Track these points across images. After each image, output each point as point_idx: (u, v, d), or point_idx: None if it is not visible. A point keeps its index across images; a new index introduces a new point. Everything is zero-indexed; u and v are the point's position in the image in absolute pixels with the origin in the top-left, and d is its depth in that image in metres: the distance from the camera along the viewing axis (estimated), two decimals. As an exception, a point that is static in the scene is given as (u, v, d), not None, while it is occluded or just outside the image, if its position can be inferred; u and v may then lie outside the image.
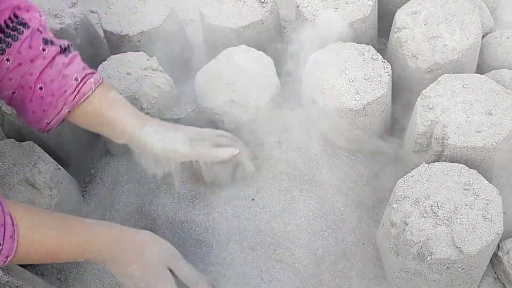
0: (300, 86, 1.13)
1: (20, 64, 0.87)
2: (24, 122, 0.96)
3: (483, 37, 1.26)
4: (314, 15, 1.16)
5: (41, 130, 0.94)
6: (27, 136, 1.12)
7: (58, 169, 1.05)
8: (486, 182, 0.89)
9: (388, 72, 1.05)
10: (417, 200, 0.89)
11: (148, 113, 1.11)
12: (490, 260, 0.98)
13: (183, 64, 1.35)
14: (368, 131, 1.07)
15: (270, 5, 1.22)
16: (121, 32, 1.21)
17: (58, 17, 1.23)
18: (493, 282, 1.00)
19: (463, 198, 0.88)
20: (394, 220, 0.88)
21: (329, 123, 1.07)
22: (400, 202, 0.89)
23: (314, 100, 1.06)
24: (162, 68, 1.17)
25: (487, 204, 0.87)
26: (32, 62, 0.88)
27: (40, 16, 0.91)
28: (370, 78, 1.04)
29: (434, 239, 0.84)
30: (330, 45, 1.10)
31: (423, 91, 1.01)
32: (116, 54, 1.18)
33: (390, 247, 0.92)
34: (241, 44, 1.17)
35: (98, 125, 0.95)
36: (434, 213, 0.87)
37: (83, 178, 1.19)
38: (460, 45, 1.08)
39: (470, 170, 0.91)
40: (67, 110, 0.91)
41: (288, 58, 1.36)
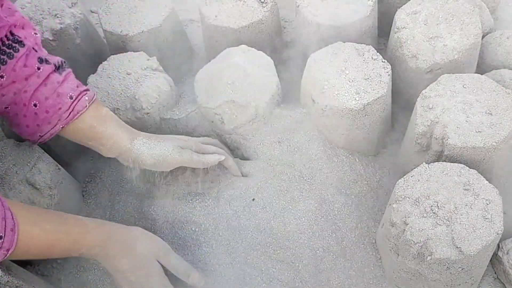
0: (300, 86, 1.13)
1: (14, 81, 0.90)
2: (17, 133, 0.99)
3: (483, 37, 1.26)
4: (314, 15, 1.16)
5: (33, 141, 0.98)
6: (27, 136, 1.12)
7: (58, 169, 1.05)
8: (486, 182, 0.89)
9: (388, 72, 1.05)
10: (417, 200, 0.89)
11: (148, 113, 1.11)
12: (490, 260, 0.98)
13: (183, 64, 1.35)
14: (368, 131, 1.07)
15: (270, 5, 1.22)
16: (121, 32, 1.21)
17: (58, 17, 1.23)
18: (493, 282, 1.00)
19: (463, 198, 0.88)
20: (394, 220, 0.88)
21: (329, 123, 1.07)
22: (400, 202, 0.89)
23: (314, 100, 1.06)
24: (162, 68, 1.17)
25: (487, 204, 0.87)
26: (26, 80, 0.91)
27: (35, 33, 0.95)
28: (370, 78, 1.04)
29: (434, 239, 0.84)
30: (330, 45, 1.10)
31: (423, 91, 1.01)
32: (116, 54, 1.18)
33: (390, 247, 0.92)
34: (241, 44, 1.17)
35: (88, 140, 0.99)
36: (434, 213, 0.87)
37: (83, 178, 1.19)
38: (460, 45, 1.08)
39: (470, 170, 0.91)
40: (61, 126, 0.95)
41: (288, 58, 1.36)
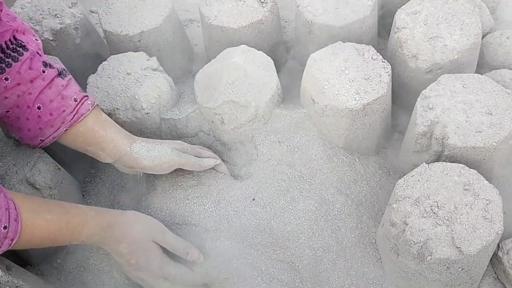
0: (300, 86, 1.13)
1: (19, 84, 0.92)
2: (16, 138, 1.00)
3: (483, 37, 1.26)
4: (314, 15, 1.16)
5: (33, 146, 0.99)
6: (27, 136, 1.12)
7: (58, 169, 1.05)
8: (486, 182, 0.89)
9: (388, 72, 1.05)
10: (417, 200, 0.89)
11: (148, 113, 1.11)
12: (490, 260, 0.98)
13: (183, 64, 1.35)
14: (368, 131, 1.07)
15: (270, 5, 1.22)
16: (121, 32, 1.21)
17: (58, 17, 1.23)
18: (493, 282, 1.00)
19: (463, 198, 0.88)
20: (394, 220, 0.88)
21: (329, 123, 1.07)
22: (400, 202, 0.89)
23: (314, 100, 1.06)
24: (162, 68, 1.17)
25: (487, 204, 0.87)
26: (31, 82, 0.93)
27: (36, 40, 0.97)
28: (370, 78, 1.04)
29: (434, 239, 0.84)
30: (330, 45, 1.10)
31: (423, 91, 1.01)
32: (116, 54, 1.18)
33: (390, 247, 0.92)
34: (241, 44, 1.17)
35: (87, 144, 1.00)
36: (434, 213, 0.87)
37: (83, 178, 1.19)
38: (460, 45, 1.08)
39: (470, 170, 0.91)
40: (64, 129, 0.96)
41: (288, 58, 1.36)
